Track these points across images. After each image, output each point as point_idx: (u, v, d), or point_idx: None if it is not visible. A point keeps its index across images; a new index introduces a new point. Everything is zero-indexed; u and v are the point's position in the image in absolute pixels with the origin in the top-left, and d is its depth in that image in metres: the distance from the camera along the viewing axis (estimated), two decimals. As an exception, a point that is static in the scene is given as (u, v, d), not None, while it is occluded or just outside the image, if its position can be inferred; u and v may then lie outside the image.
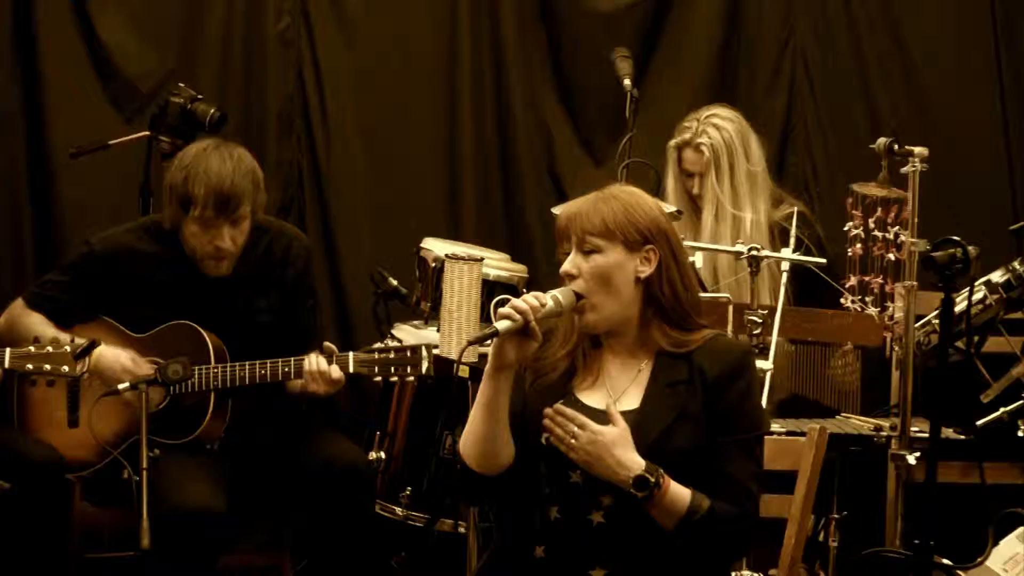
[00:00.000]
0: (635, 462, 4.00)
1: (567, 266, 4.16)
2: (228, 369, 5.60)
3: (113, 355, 5.54)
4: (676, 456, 4.08)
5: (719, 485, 4.11)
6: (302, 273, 5.89)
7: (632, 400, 4.17)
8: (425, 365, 5.49)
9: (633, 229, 4.16)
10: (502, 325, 4.04)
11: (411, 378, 5.60)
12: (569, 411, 4.00)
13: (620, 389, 4.21)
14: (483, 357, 5.84)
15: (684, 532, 4.07)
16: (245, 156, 5.67)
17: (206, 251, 5.63)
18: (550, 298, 4.09)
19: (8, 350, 5.31)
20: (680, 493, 4.05)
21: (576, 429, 3.98)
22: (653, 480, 4.00)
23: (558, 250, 4.23)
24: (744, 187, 6.39)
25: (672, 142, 6.48)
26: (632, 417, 4.12)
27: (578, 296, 4.12)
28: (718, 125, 6.41)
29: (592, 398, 4.19)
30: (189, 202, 5.56)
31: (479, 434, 4.17)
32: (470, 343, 4.12)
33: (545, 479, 4.19)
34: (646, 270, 4.16)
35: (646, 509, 4.03)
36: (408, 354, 5.51)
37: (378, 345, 5.62)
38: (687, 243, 6.12)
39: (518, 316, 4.04)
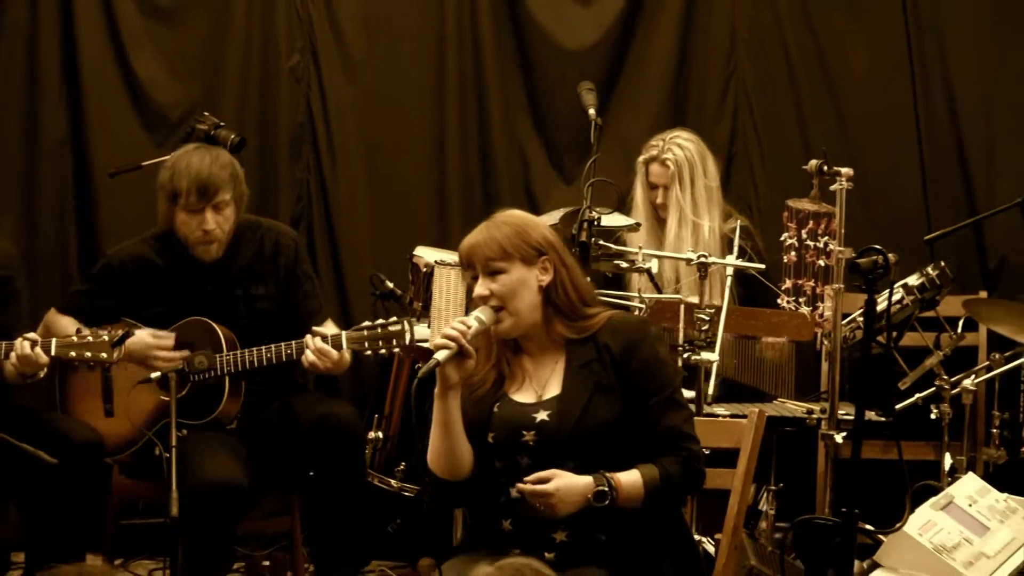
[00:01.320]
0: (587, 485, 4.06)
1: (479, 290, 4.23)
2: (239, 355, 5.59)
3: (137, 338, 5.53)
4: (601, 425, 4.15)
5: (662, 440, 4.17)
6: (293, 261, 5.87)
7: (554, 387, 4.23)
8: (408, 337, 5.48)
9: (527, 247, 4.25)
10: (441, 355, 4.10)
11: (397, 349, 5.58)
12: (529, 487, 4.04)
13: (543, 381, 4.27)
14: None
15: (651, 503, 4.10)
16: (223, 154, 5.75)
17: (195, 236, 5.65)
18: (474, 319, 4.16)
19: (54, 339, 5.32)
20: (632, 482, 4.10)
21: (543, 488, 4.02)
22: (606, 486, 4.05)
23: (465, 276, 4.32)
24: (703, 198, 6.41)
25: (641, 158, 6.50)
26: (556, 400, 4.19)
27: (496, 309, 4.19)
28: (681, 144, 6.43)
29: (522, 396, 4.27)
30: (176, 194, 5.61)
31: (440, 449, 4.25)
32: (418, 378, 4.11)
33: (500, 469, 4.23)
34: (546, 279, 4.24)
35: (613, 509, 4.06)
36: (392, 329, 5.51)
37: (366, 324, 5.60)
38: (645, 251, 6.16)
39: (452, 343, 4.09)
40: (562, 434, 4.15)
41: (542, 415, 4.20)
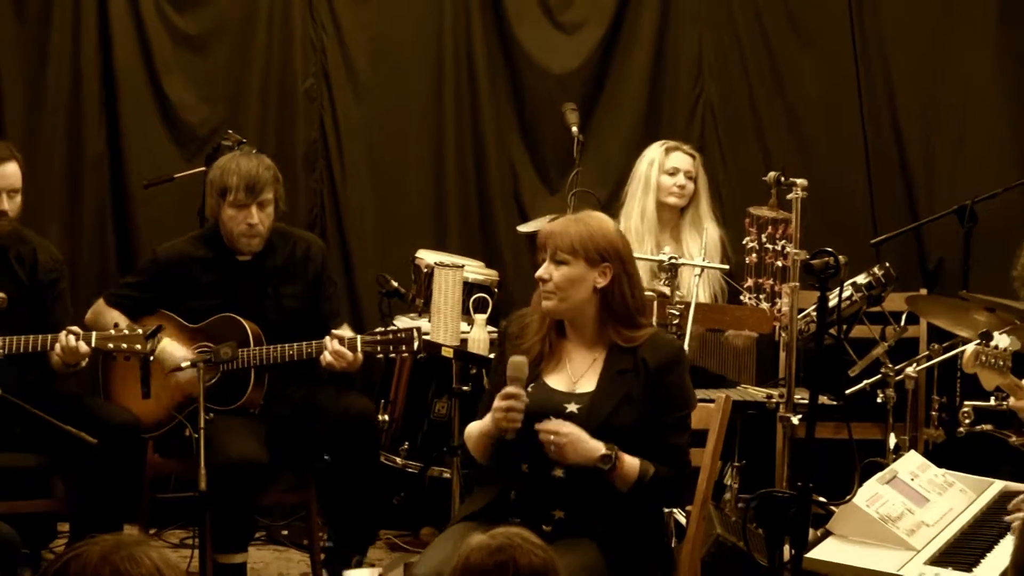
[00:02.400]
0: (598, 446, 4.06)
1: (542, 272, 4.23)
2: (264, 350, 5.59)
3: (171, 349, 5.56)
4: (622, 431, 4.14)
5: (662, 454, 4.16)
6: (320, 268, 5.89)
7: (589, 383, 4.22)
8: (416, 344, 5.47)
9: (594, 250, 4.23)
10: (509, 436, 4.12)
11: (406, 355, 5.57)
12: (548, 425, 4.07)
13: (579, 373, 4.25)
14: (464, 341, 5.88)
15: (636, 493, 4.11)
16: (266, 159, 5.78)
17: (240, 229, 5.66)
18: (522, 390, 4.13)
19: (94, 332, 5.33)
20: (632, 463, 4.10)
21: (559, 431, 4.05)
22: (613, 456, 4.05)
23: (537, 256, 4.30)
24: (705, 205, 6.37)
25: (659, 145, 6.37)
26: (589, 397, 4.18)
27: (546, 296, 4.21)
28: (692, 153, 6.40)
29: (555, 381, 4.25)
30: (225, 190, 5.63)
31: (479, 447, 4.30)
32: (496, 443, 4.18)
33: (516, 444, 4.21)
34: (603, 282, 4.21)
35: (609, 478, 4.07)
36: (402, 335, 5.50)
37: (379, 329, 5.61)
38: (637, 255, 6.13)
39: (518, 420, 4.11)
40: (588, 429, 4.13)
41: (572, 407, 4.18)
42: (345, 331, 5.60)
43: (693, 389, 4.35)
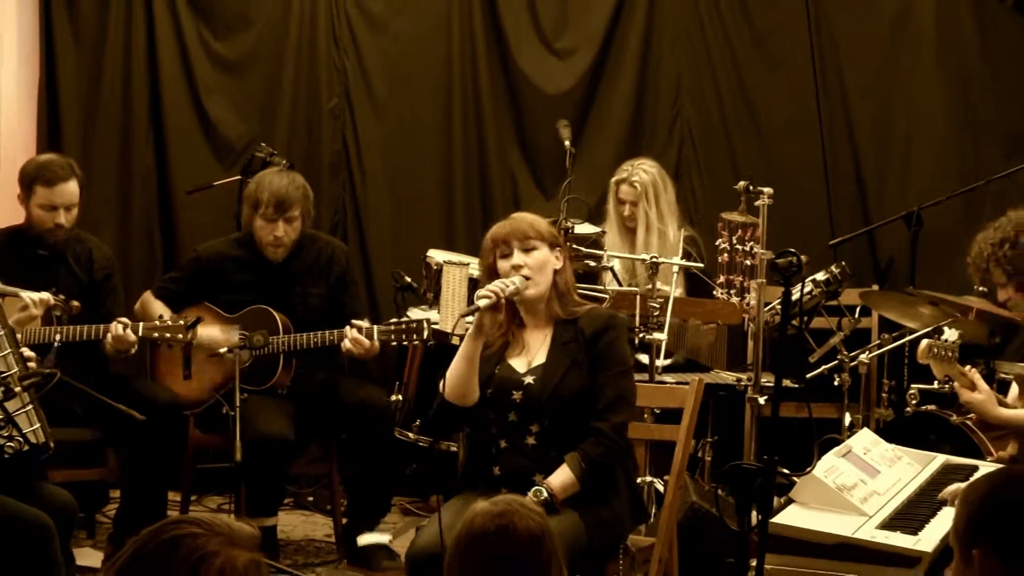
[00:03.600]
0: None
1: (516, 260, 4.26)
2: (292, 337, 5.60)
3: (211, 336, 5.56)
4: (572, 392, 4.20)
5: (599, 413, 4.21)
6: (343, 270, 5.92)
7: (541, 358, 4.27)
8: (426, 334, 5.47)
9: (550, 234, 4.30)
10: (482, 303, 4.18)
11: (417, 343, 5.57)
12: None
13: (534, 352, 4.30)
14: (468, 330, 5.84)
15: (587, 483, 4.14)
16: (298, 178, 5.80)
17: (268, 240, 5.69)
18: (510, 283, 4.19)
19: (141, 323, 5.36)
20: (564, 478, 4.13)
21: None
22: (545, 491, 4.09)
23: (486, 258, 4.34)
24: (666, 212, 6.37)
25: (613, 179, 6.44)
26: (541, 369, 4.24)
27: (525, 278, 4.21)
28: (645, 169, 6.39)
29: (516, 363, 4.30)
30: (258, 204, 5.66)
31: (459, 378, 4.26)
32: (462, 315, 4.22)
33: (493, 420, 4.23)
34: (558, 264, 4.27)
35: (556, 504, 4.09)
36: (413, 326, 5.50)
37: (393, 320, 5.61)
38: (611, 253, 6.16)
39: (492, 295, 4.14)
40: (543, 396, 4.19)
41: (528, 379, 4.24)
42: (363, 323, 5.59)
43: (631, 352, 4.43)
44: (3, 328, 4.48)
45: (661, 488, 5.28)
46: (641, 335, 5.56)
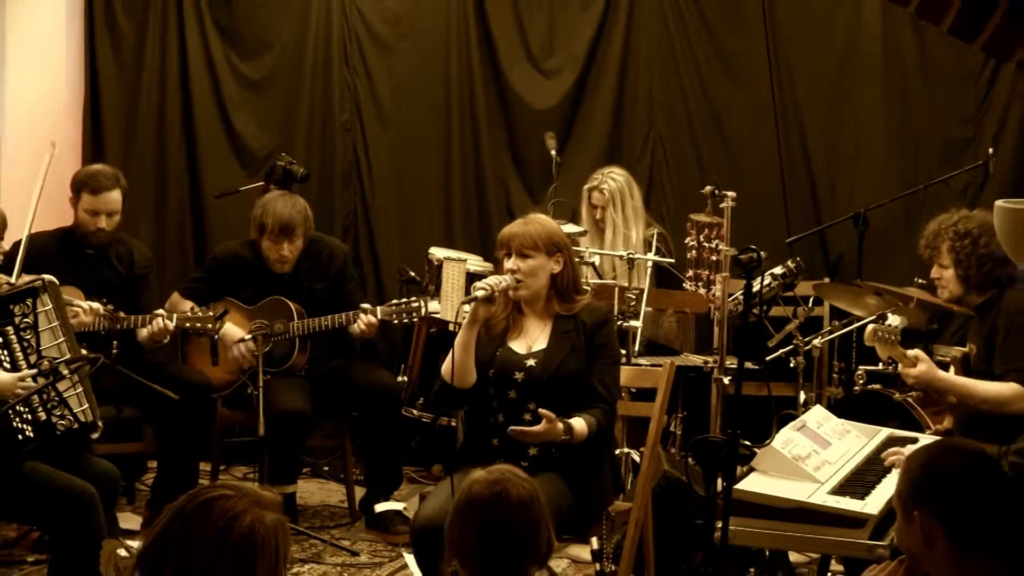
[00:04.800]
0: (559, 431, 4.08)
1: (510, 265, 4.27)
2: (306, 322, 5.64)
3: (231, 333, 5.60)
4: (570, 375, 4.21)
5: (597, 390, 4.22)
6: (342, 267, 5.92)
7: (542, 343, 4.26)
8: (423, 311, 5.52)
9: (550, 243, 4.26)
10: (480, 294, 4.17)
11: (416, 319, 5.62)
12: (520, 428, 4.08)
13: (535, 337, 4.29)
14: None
15: (590, 439, 4.12)
16: (300, 201, 5.77)
17: (274, 257, 5.71)
18: (503, 280, 4.20)
19: (175, 314, 5.37)
20: (581, 428, 4.13)
21: (530, 431, 4.06)
22: (567, 438, 4.09)
23: (498, 253, 4.33)
24: (631, 216, 6.36)
25: (585, 186, 6.43)
26: (543, 353, 4.23)
27: (517, 280, 4.22)
28: (614, 177, 6.38)
29: (517, 346, 4.29)
30: (263, 228, 5.66)
31: (457, 364, 4.24)
32: (463, 303, 4.21)
33: (493, 396, 4.23)
34: (557, 268, 4.25)
35: (571, 443, 4.11)
36: (413, 305, 5.54)
37: (394, 301, 5.65)
38: (592, 249, 6.16)
39: (488, 289, 4.14)
40: (544, 377, 4.20)
41: (530, 362, 4.23)
42: (368, 306, 5.63)
43: (619, 344, 4.46)
44: (57, 320, 4.47)
45: (637, 458, 5.29)
46: (619, 323, 5.56)
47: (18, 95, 6.64)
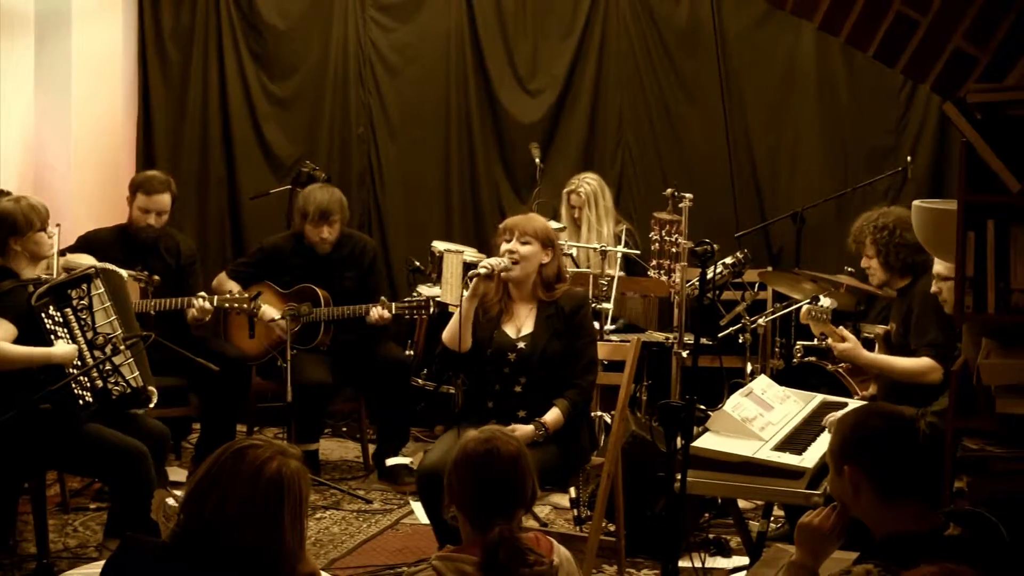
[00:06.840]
0: (530, 430, 4.09)
1: (510, 247, 4.27)
2: (331, 309, 5.60)
3: (268, 313, 5.58)
4: (553, 355, 4.19)
5: (579, 367, 4.22)
6: (371, 261, 5.90)
7: (528, 327, 4.25)
8: (432, 309, 5.51)
9: (546, 237, 4.26)
10: (482, 271, 4.20)
11: (425, 316, 5.60)
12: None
13: (523, 321, 4.28)
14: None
15: (569, 421, 4.16)
16: (336, 191, 5.79)
17: (316, 240, 5.69)
18: (501, 261, 4.22)
19: (215, 296, 5.38)
20: (555, 416, 4.14)
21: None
22: (543, 427, 4.12)
23: (498, 239, 4.32)
24: (603, 215, 6.34)
25: (564, 190, 6.40)
26: (530, 336, 4.22)
27: (514, 262, 4.20)
28: (588, 181, 6.36)
29: (508, 329, 4.28)
30: (306, 214, 5.66)
31: (455, 328, 4.24)
32: (467, 277, 4.23)
33: (489, 369, 4.23)
34: (546, 259, 4.23)
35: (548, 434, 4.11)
36: (423, 303, 5.51)
37: (407, 298, 5.62)
38: (571, 243, 6.14)
39: (488, 267, 4.17)
40: (533, 356, 4.19)
41: (521, 344, 4.23)
42: (385, 300, 5.60)
43: (595, 326, 4.46)
44: (111, 300, 4.46)
45: (609, 420, 5.29)
46: (593, 305, 5.55)
47: (84, 111, 6.63)
